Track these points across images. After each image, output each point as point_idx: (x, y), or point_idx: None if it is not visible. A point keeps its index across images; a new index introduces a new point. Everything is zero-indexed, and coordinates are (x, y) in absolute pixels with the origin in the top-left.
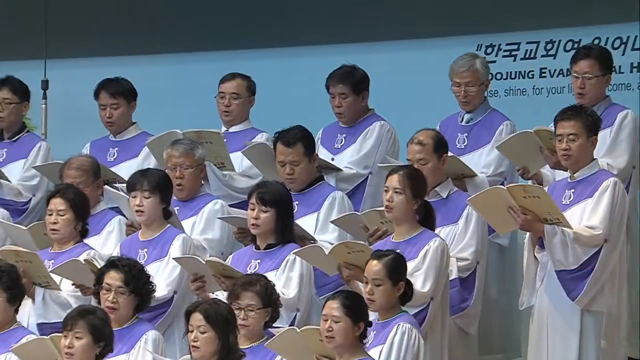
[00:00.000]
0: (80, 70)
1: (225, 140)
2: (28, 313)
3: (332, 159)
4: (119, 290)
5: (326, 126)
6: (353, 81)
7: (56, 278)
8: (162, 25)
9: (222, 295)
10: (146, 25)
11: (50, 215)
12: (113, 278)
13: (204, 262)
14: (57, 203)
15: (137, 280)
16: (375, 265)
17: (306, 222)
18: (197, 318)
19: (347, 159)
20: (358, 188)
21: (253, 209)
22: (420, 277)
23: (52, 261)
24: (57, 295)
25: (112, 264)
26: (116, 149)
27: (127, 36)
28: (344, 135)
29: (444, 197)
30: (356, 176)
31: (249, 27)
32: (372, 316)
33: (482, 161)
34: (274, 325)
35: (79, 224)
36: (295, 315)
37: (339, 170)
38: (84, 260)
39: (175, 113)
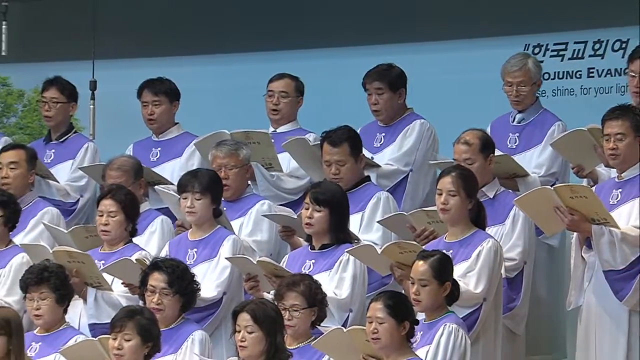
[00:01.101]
0: (128, 70)
1: (273, 140)
2: (79, 313)
3: (372, 158)
4: (163, 291)
5: (364, 125)
6: (389, 78)
7: (107, 278)
8: (209, 26)
9: (270, 296)
10: (194, 26)
11: (101, 216)
12: (157, 279)
13: (255, 262)
14: (108, 204)
15: (181, 281)
16: (421, 266)
17: (351, 222)
18: (245, 318)
19: (387, 158)
20: (398, 186)
21: (307, 209)
22: (473, 278)
23: (103, 262)
24: (109, 295)
25: (156, 265)
26: (159, 149)
27: (174, 37)
28: (383, 134)
29: (491, 197)
30: (397, 172)
31: (296, 27)
32: (420, 317)
33: (533, 161)
34: (323, 324)
35: (129, 225)
36: (348, 315)
37: (379, 166)
38: (135, 259)
39: (222, 114)
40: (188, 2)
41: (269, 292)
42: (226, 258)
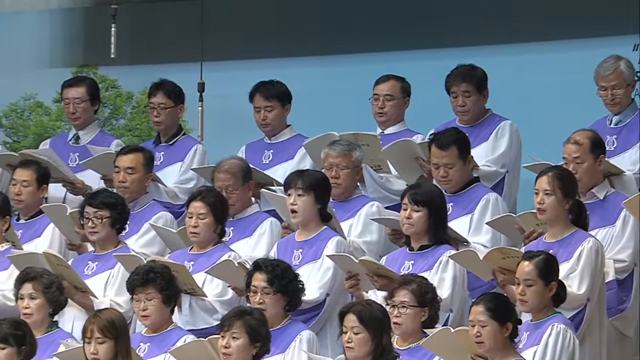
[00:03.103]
0: (236, 72)
1: (381, 142)
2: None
3: None
4: (264, 290)
5: (440, 125)
6: (475, 79)
7: (199, 280)
8: (317, 27)
9: (374, 296)
10: (301, 28)
11: (191, 218)
12: (258, 279)
13: (357, 261)
14: (198, 207)
15: (281, 279)
16: (526, 266)
17: (460, 224)
18: (351, 319)
19: (479, 160)
20: (495, 187)
21: (405, 209)
22: (575, 280)
23: (192, 262)
24: (203, 301)
25: (257, 266)
26: (271, 151)
27: (282, 38)
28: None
29: (601, 198)
30: (496, 174)
31: (404, 28)
32: (525, 317)
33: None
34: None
35: (218, 227)
36: (448, 316)
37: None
38: (238, 263)
39: (330, 115)
40: (295, 4)
41: (367, 292)
42: (327, 256)
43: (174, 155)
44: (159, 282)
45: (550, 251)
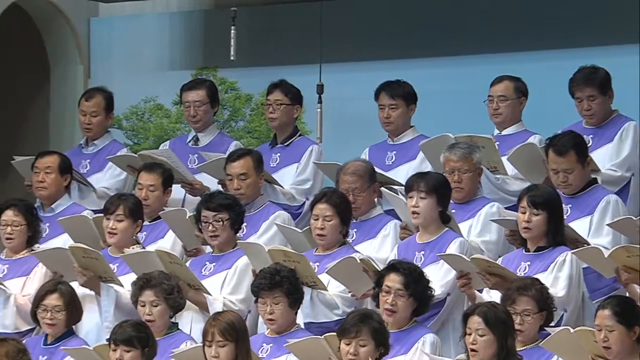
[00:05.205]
0: (354, 74)
1: (497, 143)
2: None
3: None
4: (398, 292)
5: (566, 127)
6: (598, 82)
7: (324, 279)
8: (434, 28)
9: (487, 296)
10: (418, 29)
11: (317, 220)
12: (393, 280)
13: (469, 260)
14: (324, 209)
15: (416, 284)
16: None
17: (579, 226)
18: (476, 321)
19: (603, 161)
20: (621, 191)
21: (524, 212)
22: None
23: (317, 263)
24: (324, 295)
25: (393, 266)
26: (394, 152)
27: (400, 40)
28: (591, 136)
29: None
30: (621, 179)
31: (522, 29)
32: None
33: None
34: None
35: (344, 228)
36: (562, 315)
37: (598, 170)
38: (360, 259)
39: (448, 116)
40: (412, 6)
41: (480, 291)
42: (438, 255)
43: (290, 156)
44: (286, 286)
45: None
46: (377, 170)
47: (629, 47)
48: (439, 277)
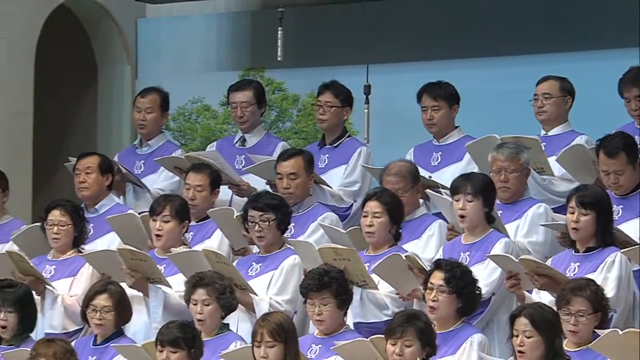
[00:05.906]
0: (401, 75)
1: (543, 144)
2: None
3: None
4: (440, 288)
5: (618, 128)
6: None
7: (375, 278)
8: (480, 29)
9: (537, 296)
10: (465, 30)
11: (366, 217)
12: (436, 277)
13: (517, 260)
14: (373, 206)
15: (458, 281)
16: None
17: (630, 227)
18: (523, 322)
19: None
20: None
21: (573, 212)
22: None
23: (368, 264)
24: (374, 295)
25: (437, 264)
26: (439, 153)
27: (446, 41)
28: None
29: None
30: None
31: (564, 29)
32: None
33: None
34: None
35: (394, 227)
36: (612, 316)
37: None
38: (405, 256)
39: (494, 117)
40: (459, 6)
41: (529, 291)
42: (487, 256)
43: (339, 157)
44: (335, 287)
45: None
46: (420, 173)
47: None
48: (484, 277)
